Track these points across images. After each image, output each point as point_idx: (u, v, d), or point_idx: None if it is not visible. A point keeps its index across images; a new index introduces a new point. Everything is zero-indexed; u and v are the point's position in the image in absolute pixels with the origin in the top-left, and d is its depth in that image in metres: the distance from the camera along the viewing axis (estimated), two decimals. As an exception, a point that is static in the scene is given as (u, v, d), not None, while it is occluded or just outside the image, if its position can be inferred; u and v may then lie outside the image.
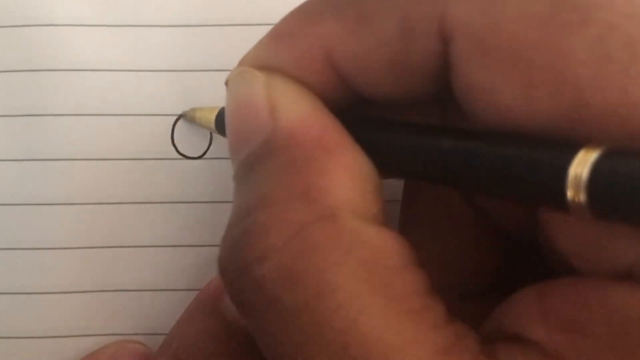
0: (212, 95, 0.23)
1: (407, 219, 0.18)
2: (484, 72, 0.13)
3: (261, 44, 0.16)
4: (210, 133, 0.23)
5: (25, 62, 0.23)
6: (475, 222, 0.17)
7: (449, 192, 0.17)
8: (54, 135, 0.23)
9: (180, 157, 0.23)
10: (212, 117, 0.21)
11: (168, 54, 0.23)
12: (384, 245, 0.13)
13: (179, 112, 0.23)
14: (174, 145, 0.23)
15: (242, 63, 0.16)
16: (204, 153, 0.23)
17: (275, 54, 0.15)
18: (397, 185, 0.18)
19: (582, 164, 0.11)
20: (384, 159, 0.14)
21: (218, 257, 0.14)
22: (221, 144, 0.23)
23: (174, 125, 0.23)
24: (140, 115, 0.23)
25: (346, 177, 0.13)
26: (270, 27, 0.22)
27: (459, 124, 0.14)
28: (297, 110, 0.14)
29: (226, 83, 0.17)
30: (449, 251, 0.17)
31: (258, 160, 0.14)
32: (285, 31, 0.15)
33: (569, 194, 0.11)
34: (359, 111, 0.16)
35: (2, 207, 0.23)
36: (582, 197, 0.11)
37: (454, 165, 0.13)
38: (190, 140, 0.23)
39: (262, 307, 0.13)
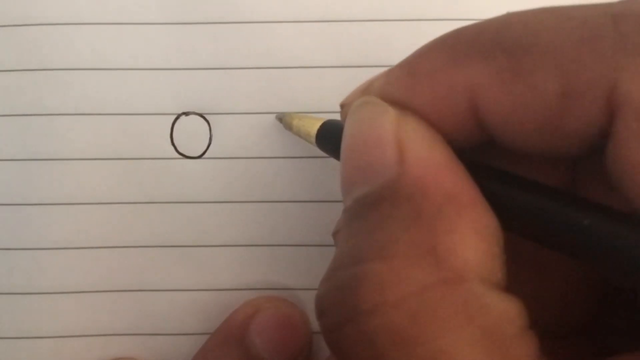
0: (212, 95, 0.23)
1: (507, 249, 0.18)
2: None
3: (393, 76, 0.15)
4: (210, 133, 0.23)
5: (25, 62, 0.23)
6: (577, 263, 0.17)
7: None
8: (54, 135, 0.23)
9: (180, 156, 0.23)
10: (313, 129, 0.20)
11: (168, 54, 0.23)
12: (506, 313, 0.12)
13: (179, 112, 0.23)
14: (173, 145, 0.23)
15: (368, 90, 0.16)
16: (204, 153, 0.23)
17: (410, 90, 0.14)
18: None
19: None
20: (510, 218, 0.14)
21: (318, 295, 0.14)
22: (221, 144, 0.23)
23: (173, 124, 0.23)
24: (140, 115, 0.23)
25: (475, 238, 0.13)
26: (270, 26, 0.22)
27: (588, 188, 0.14)
28: (429, 156, 0.13)
29: (342, 105, 0.16)
30: (548, 289, 0.17)
31: (379, 202, 0.13)
32: (424, 67, 0.14)
33: None
34: (484, 155, 0.15)
35: (2, 207, 0.23)
36: None
37: (588, 245, 0.12)
38: (190, 140, 0.23)
39: None
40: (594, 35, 0.13)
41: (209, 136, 0.23)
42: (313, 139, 0.20)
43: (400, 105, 0.14)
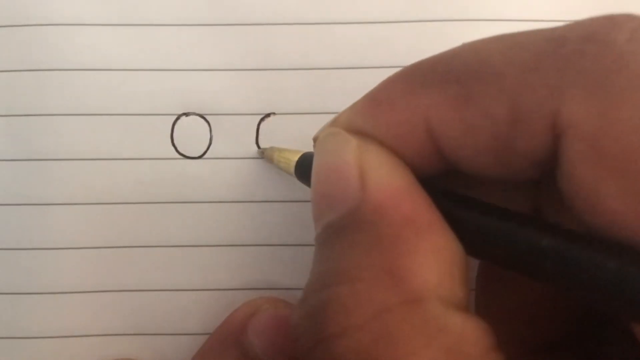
0: (212, 96, 0.23)
1: (485, 269, 0.18)
2: (595, 175, 0.12)
3: (356, 106, 0.16)
4: (210, 133, 0.23)
5: (25, 62, 0.23)
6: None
7: None
8: (54, 135, 0.23)
9: (180, 157, 0.23)
10: (292, 162, 0.21)
11: (168, 54, 0.23)
12: (468, 334, 0.13)
13: (179, 112, 0.23)
14: (173, 145, 0.23)
15: (334, 123, 0.16)
16: (204, 153, 0.23)
17: (371, 119, 0.15)
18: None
19: None
20: (471, 241, 0.14)
21: (292, 321, 0.14)
22: (221, 144, 0.23)
23: (173, 125, 0.23)
24: (140, 115, 0.23)
25: (434, 260, 0.13)
26: (270, 27, 0.23)
27: (552, 210, 0.14)
28: (388, 182, 0.14)
29: (314, 139, 0.16)
30: (525, 304, 0.17)
31: (343, 229, 0.14)
32: (384, 97, 0.15)
33: None
34: (449, 183, 0.15)
35: (2, 207, 0.23)
36: None
37: (548, 265, 0.13)
38: (190, 140, 0.23)
39: None
40: (537, 60, 0.13)
41: (209, 136, 0.23)
42: (292, 172, 0.21)
43: (363, 134, 0.15)
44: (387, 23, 0.23)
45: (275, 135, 0.23)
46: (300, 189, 0.23)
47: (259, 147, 0.23)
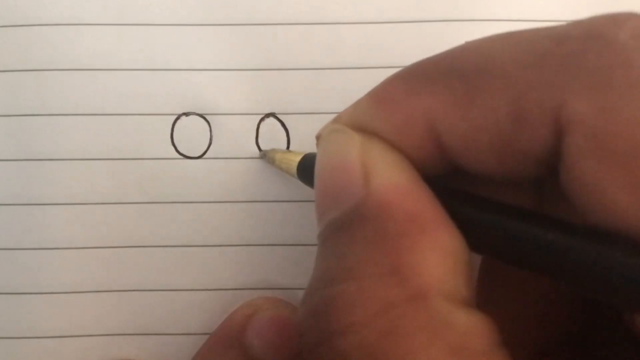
0: (212, 96, 0.23)
1: (488, 268, 0.18)
2: (598, 171, 0.12)
3: (360, 104, 0.16)
4: (210, 133, 0.23)
5: (25, 62, 0.23)
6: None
7: None
8: (54, 135, 0.23)
9: (180, 157, 0.23)
10: (294, 164, 0.21)
11: (168, 54, 0.23)
12: (472, 330, 0.13)
13: (179, 112, 0.23)
14: (173, 145, 0.23)
15: (337, 120, 0.16)
16: (204, 153, 0.23)
17: (375, 117, 0.15)
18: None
19: None
20: (476, 238, 0.14)
21: (297, 318, 0.14)
22: (221, 144, 0.23)
23: (173, 125, 0.23)
24: (140, 115, 0.23)
25: (438, 256, 0.13)
26: (270, 27, 0.23)
27: (555, 209, 0.14)
28: (392, 178, 0.14)
29: (317, 137, 0.16)
30: (526, 305, 0.17)
31: (347, 226, 0.14)
32: (387, 95, 0.15)
33: None
34: (453, 183, 0.15)
35: (2, 207, 0.23)
36: None
37: (555, 259, 0.13)
38: (190, 140, 0.23)
39: None
40: (539, 58, 0.13)
41: (209, 136, 0.23)
42: (294, 173, 0.21)
43: (367, 131, 0.15)
44: (387, 23, 0.23)
45: (275, 135, 0.23)
46: (300, 189, 0.23)
47: (259, 149, 0.23)
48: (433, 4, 0.23)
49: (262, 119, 0.23)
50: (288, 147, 0.23)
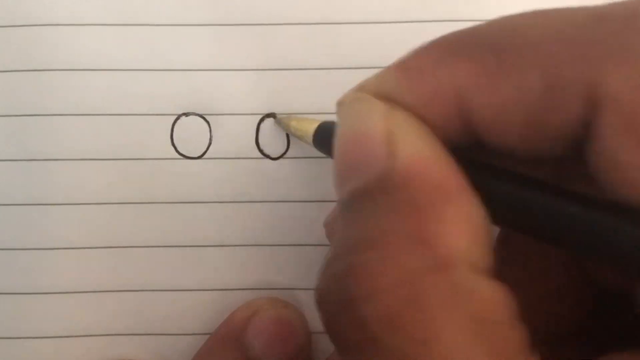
0: (212, 96, 0.23)
1: (499, 251, 0.18)
2: (630, 150, 0.12)
3: (386, 72, 0.15)
4: (210, 133, 0.23)
5: (25, 62, 0.23)
6: (569, 267, 0.17)
7: None
8: (54, 135, 0.23)
9: (180, 157, 0.23)
10: (310, 130, 0.20)
11: (168, 54, 0.23)
12: (495, 301, 0.13)
13: (179, 112, 0.23)
14: (173, 145, 0.23)
15: (361, 89, 0.16)
16: (204, 153, 0.23)
17: (401, 87, 0.15)
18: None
19: None
20: (498, 210, 0.14)
21: (316, 287, 0.14)
22: (221, 144, 0.23)
23: (173, 125, 0.23)
24: (140, 115, 0.23)
25: (463, 226, 0.13)
26: (270, 27, 0.23)
27: (572, 189, 0.14)
28: (418, 149, 0.14)
29: (338, 104, 0.16)
30: (538, 293, 0.17)
31: (370, 194, 0.14)
32: (415, 65, 0.15)
33: None
34: (475, 154, 0.15)
35: (2, 207, 0.23)
36: None
37: (576, 232, 0.13)
38: (190, 140, 0.23)
39: (362, 346, 0.13)
40: (578, 34, 0.13)
41: (209, 136, 0.23)
42: (310, 140, 0.20)
43: (391, 101, 0.15)
44: (387, 23, 0.23)
45: (275, 136, 0.23)
46: (300, 189, 0.23)
47: (260, 149, 0.23)
48: (433, 4, 0.23)
49: (262, 119, 0.23)
50: (288, 147, 0.23)
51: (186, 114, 0.23)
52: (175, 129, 0.23)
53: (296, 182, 0.23)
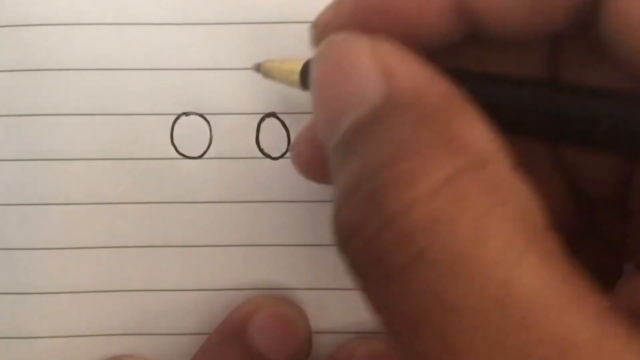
0: (212, 96, 0.23)
1: None
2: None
3: None
4: (210, 133, 0.23)
5: (25, 62, 0.23)
6: (559, 176, 0.17)
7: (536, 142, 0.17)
8: (54, 135, 0.23)
9: (180, 157, 0.23)
10: (295, 70, 0.19)
11: (168, 54, 0.23)
12: (534, 201, 0.12)
13: (179, 112, 0.23)
14: (173, 145, 0.23)
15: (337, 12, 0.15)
16: (204, 153, 0.23)
17: None
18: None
19: None
20: (497, 116, 0.14)
21: (340, 220, 0.13)
22: (221, 144, 0.23)
23: (173, 125, 0.23)
24: (140, 115, 0.23)
25: (484, 127, 0.13)
26: (270, 26, 0.22)
27: (571, 74, 0.14)
28: (415, 70, 0.13)
29: (314, 26, 0.16)
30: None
31: (379, 119, 0.13)
32: None
33: None
34: (463, 55, 0.15)
35: (2, 207, 0.23)
36: None
37: (567, 121, 0.13)
38: (190, 140, 0.23)
39: (409, 261, 0.12)
40: None
41: (209, 136, 0.23)
42: (296, 80, 0.19)
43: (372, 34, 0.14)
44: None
45: (275, 136, 0.23)
46: (300, 189, 0.23)
47: (260, 148, 0.23)
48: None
49: (262, 119, 0.23)
50: (288, 148, 0.23)
51: (186, 114, 0.23)
52: (175, 129, 0.23)
53: (296, 182, 0.23)
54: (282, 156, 0.23)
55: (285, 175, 0.23)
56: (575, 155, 0.16)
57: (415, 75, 0.13)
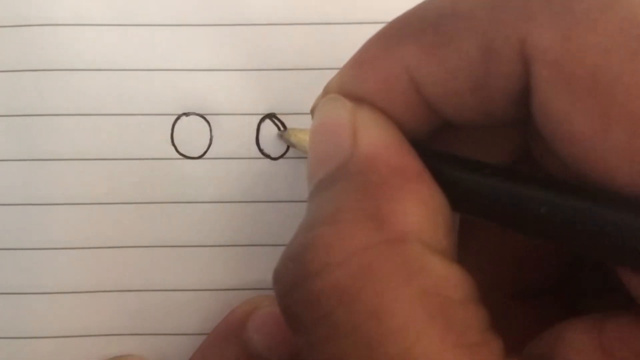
0: (212, 96, 0.23)
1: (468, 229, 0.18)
2: (562, 100, 0.13)
3: (344, 70, 0.16)
4: (210, 133, 0.23)
5: (25, 62, 0.23)
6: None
7: None
8: (54, 135, 0.23)
9: (180, 157, 0.23)
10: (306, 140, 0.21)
11: (168, 54, 0.23)
12: (448, 278, 0.13)
13: (179, 112, 0.23)
14: (173, 145, 0.23)
15: (327, 90, 0.17)
16: (204, 153, 0.23)
17: (358, 80, 0.15)
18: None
19: None
20: (458, 197, 0.14)
21: (275, 268, 0.14)
22: (221, 144, 0.23)
23: (173, 125, 0.23)
24: (140, 115, 0.23)
25: (419, 206, 0.13)
26: (270, 28, 0.23)
27: (539, 154, 0.14)
28: (379, 138, 0.14)
29: (312, 110, 0.17)
30: (510, 249, 0.17)
31: (332, 182, 0.14)
32: (366, 56, 0.16)
33: None
34: (441, 143, 0.16)
35: (2, 207, 0.23)
36: None
37: (535, 219, 0.13)
38: (190, 140, 0.23)
39: (315, 321, 0.13)
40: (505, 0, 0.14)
41: (209, 136, 0.23)
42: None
43: (357, 97, 0.15)
44: (382, 23, 0.23)
45: (275, 135, 0.23)
46: (300, 189, 0.23)
47: (260, 148, 0.23)
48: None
49: (262, 119, 0.23)
50: (288, 147, 0.23)
51: (186, 114, 0.23)
52: (175, 129, 0.23)
53: (296, 182, 0.23)
54: (282, 156, 0.23)
55: (285, 175, 0.23)
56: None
57: (378, 142, 0.14)
